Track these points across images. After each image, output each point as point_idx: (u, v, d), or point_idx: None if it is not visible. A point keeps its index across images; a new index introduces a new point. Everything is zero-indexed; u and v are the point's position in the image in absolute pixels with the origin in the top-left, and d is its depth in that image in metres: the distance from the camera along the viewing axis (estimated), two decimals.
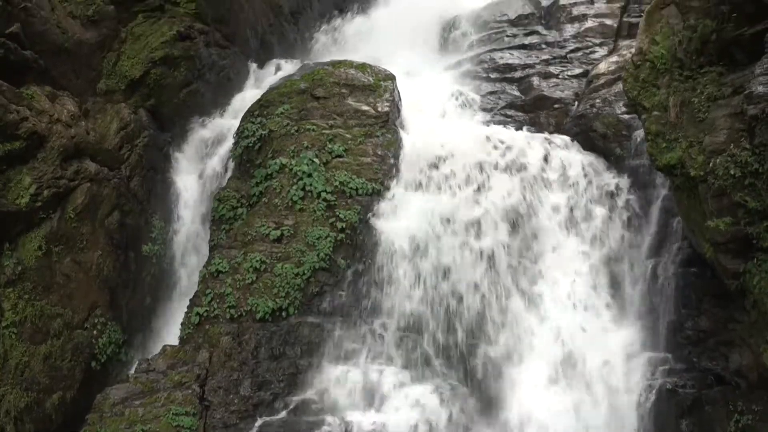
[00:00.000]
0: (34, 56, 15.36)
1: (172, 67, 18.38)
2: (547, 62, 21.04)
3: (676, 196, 14.14)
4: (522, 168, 17.48)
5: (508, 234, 16.65)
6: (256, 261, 16.26)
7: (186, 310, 16.44)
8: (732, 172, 11.79)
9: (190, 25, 18.80)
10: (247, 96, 20.15)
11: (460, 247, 16.46)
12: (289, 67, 21.26)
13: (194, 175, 18.98)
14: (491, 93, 20.83)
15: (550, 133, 18.81)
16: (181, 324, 16.30)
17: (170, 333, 17.05)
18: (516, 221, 16.79)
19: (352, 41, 25.17)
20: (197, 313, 16.01)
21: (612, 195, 16.88)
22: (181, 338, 16.14)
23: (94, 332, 16.18)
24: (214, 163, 18.86)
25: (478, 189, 17.22)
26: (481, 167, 17.51)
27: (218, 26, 19.95)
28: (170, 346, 16.02)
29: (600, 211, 16.79)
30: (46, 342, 15.21)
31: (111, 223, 16.87)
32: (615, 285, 16.12)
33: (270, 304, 15.80)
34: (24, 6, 14.87)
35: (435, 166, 17.78)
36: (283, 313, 15.83)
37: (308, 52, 23.96)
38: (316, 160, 17.21)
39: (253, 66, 21.45)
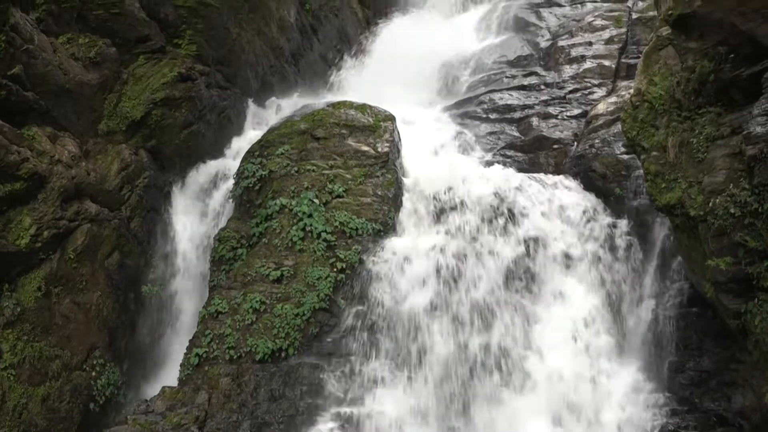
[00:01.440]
0: (35, 97, 15.42)
1: (173, 108, 18.45)
2: (546, 103, 21.12)
3: (676, 236, 14.15)
4: (521, 209, 17.44)
5: (506, 275, 16.59)
6: (256, 301, 16.22)
7: (185, 351, 16.37)
8: (732, 211, 11.80)
9: (191, 66, 18.90)
10: (248, 136, 20.24)
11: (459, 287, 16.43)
12: (289, 107, 21.32)
13: (194, 216, 19.00)
14: (491, 133, 20.88)
15: (550, 173, 18.82)
16: (181, 365, 16.22)
17: (169, 374, 16.96)
18: (516, 261, 16.74)
19: (352, 81, 25.30)
20: (196, 354, 15.94)
21: (612, 235, 16.85)
22: (180, 379, 16.05)
23: (93, 373, 16.11)
24: (215, 203, 18.90)
25: (477, 229, 17.18)
26: (480, 208, 17.49)
27: (219, 67, 20.07)
28: (169, 387, 15.92)
29: (600, 251, 16.75)
30: (44, 383, 15.12)
31: (111, 264, 16.87)
32: (615, 325, 16.02)
33: (270, 345, 15.73)
34: (26, 48, 14.95)
35: (434, 206, 17.76)
36: (283, 354, 15.75)
37: (309, 93, 24.06)
38: (317, 201, 17.24)
39: (254, 107, 21.53)
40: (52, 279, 15.63)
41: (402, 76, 23.83)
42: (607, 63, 21.69)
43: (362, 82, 25.03)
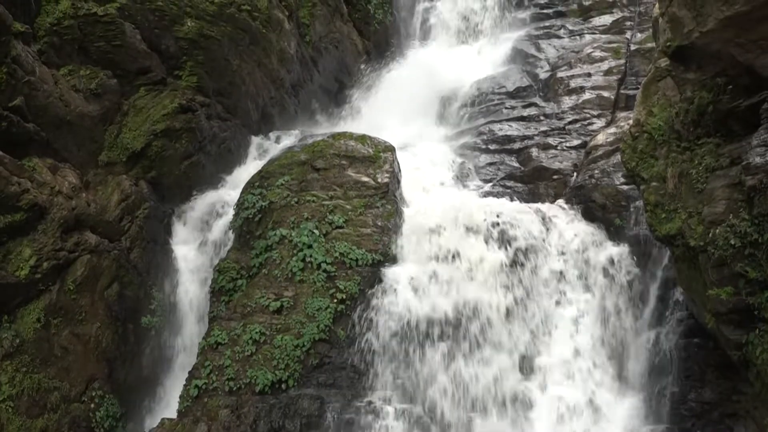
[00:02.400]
0: (36, 129, 15.48)
1: (173, 139, 18.50)
2: (545, 134, 21.18)
3: (676, 267, 14.13)
4: (521, 240, 17.42)
5: (506, 307, 16.57)
6: (256, 333, 16.17)
7: (184, 382, 16.31)
8: (732, 242, 11.79)
9: (192, 97, 18.98)
10: (248, 167, 20.28)
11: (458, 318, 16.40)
12: (289, 138, 21.38)
13: (194, 246, 19.00)
14: (490, 164, 20.94)
15: (550, 203, 18.84)
16: (180, 396, 16.15)
17: (169, 405, 16.89)
18: (515, 292, 16.72)
19: (352, 112, 25.37)
20: (196, 386, 15.87)
21: (612, 265, 16.83)
22: (179, 411, 15.97)
23: (92, 405, 16.04)
24: (214, 234, 18.89)
25: (479, 261, 17.17)
26: (480, 239, 17.49)
27: (220, 99, 20.14)
28: (168, 419, 15.83)
29: (600, 282, 16.73)
30: (42, 416, 15.05)
31: (110, 295, 16.84)
32: (616, 356, 15.99)
33: (269, 377, 15.66)
34: (27, 80, 15.02)
35: (434, 237, 17.74)
36: (283, 386, 15.69)
37: (309, 124, 24.13)
38: (317, 231, 17.24)
39: (254, 138, 21.57)
40: (52, 310, 15.61)
41: (402, 107, 23.91)
42: (606, 94, 21.77)
43: (362, 112, 25.11)
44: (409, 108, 24.11)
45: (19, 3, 14.97)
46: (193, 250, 18.93)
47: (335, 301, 16.41)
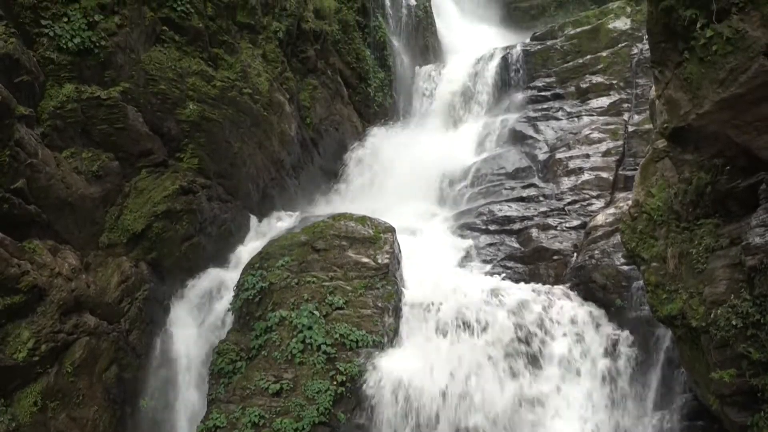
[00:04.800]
0: (37, 210, 15.52)
1: (174, 220, 18.55)
2: (545, 214, 21.26)
3: (678, 348, 14.03)
4: (522, 322, 17.35)
5: (511, 394, 16.42)
6: (255, 416, 15.99)
7: None
8: (734, 323, 11.73)
9: (193, 179, 19.09)
10: (248, 248, 20.31)
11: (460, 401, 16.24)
12: (290, 219, 21.47)
13: (193, 328, 18.91)
14: (490, 245, 20.97)
15: (550, 284, 18.81)
16: None
17: None
18: (516, 375, 16.59)
19: (353, 193, 25.50)
20: None
21: (614, 346, 16.72)
22: None
23: None
24: (214, 315, 18.84)
25: (477, 342, 17.06)
26: (480, 321, 17.42)
27: (220, 180, 20.26)
28: None
29: (603, 363, 16.59)
30: None
31: (109, 378, 16.68)
32: None
33: None
34: (30, 162, 15.12)
35: (434, 318, 17.69)
36: None
37: (310, 204, 24.24)
38: (317, 313, 17.18)
39: (255, 219, 21.66)
40: (49, 393, 15.43)
41: (402, 188, 24.07)
42: (604, 175, 21.91)
43: (363, 193, 25.24)
44: (409, 189, 24.26)
45: (24, 87, 15.15)
46: (192, 332, 18.83)
47: (335, 383, 16.27)
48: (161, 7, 18.39)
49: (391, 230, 19.20)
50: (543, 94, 27.31)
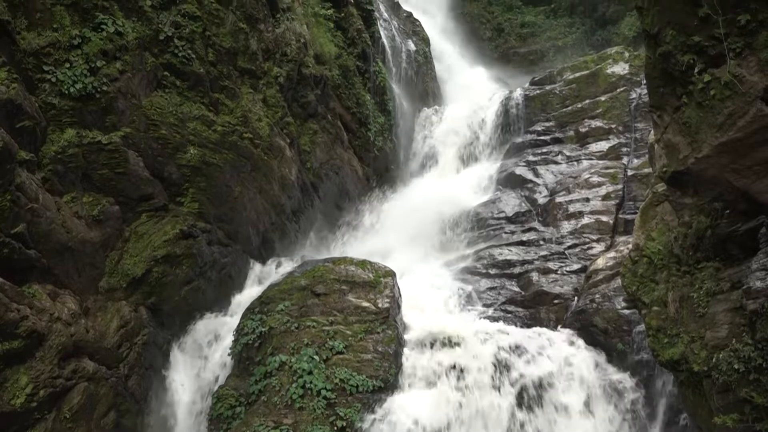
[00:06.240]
0: (37, 255, 15.50)
1: (174, 265, 18.52)
2: (545, 258, 21.28)
3: (681, 392, 13.95)
4: (521, 366, 17.28)
5: None
6: None
7: None
8: (736, 367, 11.67)
9: (193, 223, 19.09)
10: (248, 293, 20.28)
11: None
12: (290, 263, 21.46)
13: (193, 373, 18.79)
14: (491, 288, 20.96)
15: (551, 328, 18.77)
16: None
17: None
18: (517, 421, 16.48)
19: (352, 237, 25.51)
20: None
21: (616, 391, 16.63)
22: None
23: None
24: (214, 360, 18.73)
25: (477, 387, 16.99)
26: (481, 366, 17.35)
27: (220, 224, 20.26)
28: None
29: (605, 409, 16.50)
30: None
31: (107, 424, 16.54)
32: None
33: None
34: (31, 207, 15.12)
35: (435, 362, 17.62)
36: None
37: (310, 249, 24.24)
38: (317, 357, 17.10)
39: (254, 263, 21.63)
40: None
41: (402, 232, 24.11)
42: (604, 218, 21.96)
43: (363, 237, 25.26)
44: (409, 232, 24.29)
45: (25, 132, 15.20)
46: (191, 377, 18.72)
47: (335, 429, 16.15)
48: (163, 52, 18.53)
49: (392, 274, 19.19)
50: (542, 138, 27.48)
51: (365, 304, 18.29)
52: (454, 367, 17.43)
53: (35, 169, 15.70)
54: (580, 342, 17.97)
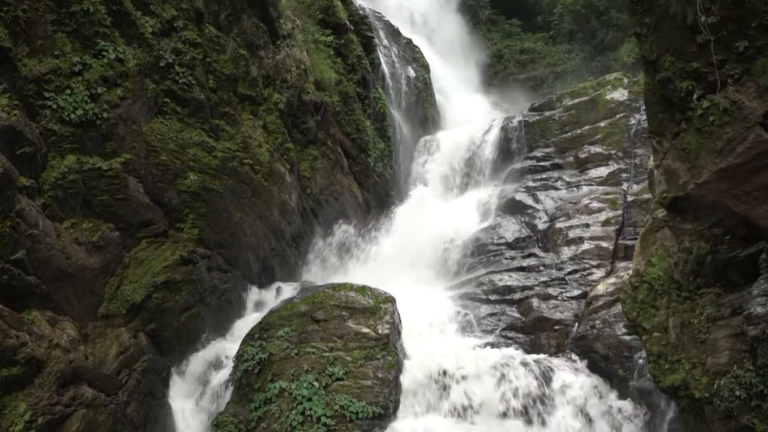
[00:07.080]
0: (37, 281, 15.47)
1: (173, 291, 18.49)
2: (545, 284, 21.25)
3: (682, 419, 13.89)
4: (523, 393, 17.22)
5: None
6: None
7: None
8: (737, 393, 11.63)
9: (193, 249, 19.09)
10: (248, 319, 20.23)
11: None
12: (289, 289, 21.43)
13: (192, 399, 18.72)
14: (491, 314, 20.92)
15: (551, 354, 18.71)
16: None
17: None
18: None
19: (352, 263, 25.51)
20: None
21: (617, 418, 16.55)
22: None
23: None
24: (213, 387, 18.65)
25: (478, 414, 16.93)
26: (482, 392, 17.30)
27: (220, 250, 20.26)
28: None
29: None
30: None
31: None
32: None
33: None
34: (30, 233, 15.12)
35: (435, 389, 17.57)
36: None
37: (310, 274, 24.23)
38: (316, 384, 17.04)
39: (254, 289, 21.61)
40: None
41: (402, 258, 24.10)
42: (604, 244, 21.95)
43: (363, 263, 25.25)
44: (409, 259, 24.29)
45: (26, 158, 15.22)
46: (191, 404, 18.63)
47: None
48: (163, 79, 18.61)
49: (392, 300, 19.16)
50: (542, 164, 27.53)
51: (365, 330, 18.25)
52: (456, 394, 17.37)
53: (35, 195, 15.71)
54: (582, 367, 17.92)
